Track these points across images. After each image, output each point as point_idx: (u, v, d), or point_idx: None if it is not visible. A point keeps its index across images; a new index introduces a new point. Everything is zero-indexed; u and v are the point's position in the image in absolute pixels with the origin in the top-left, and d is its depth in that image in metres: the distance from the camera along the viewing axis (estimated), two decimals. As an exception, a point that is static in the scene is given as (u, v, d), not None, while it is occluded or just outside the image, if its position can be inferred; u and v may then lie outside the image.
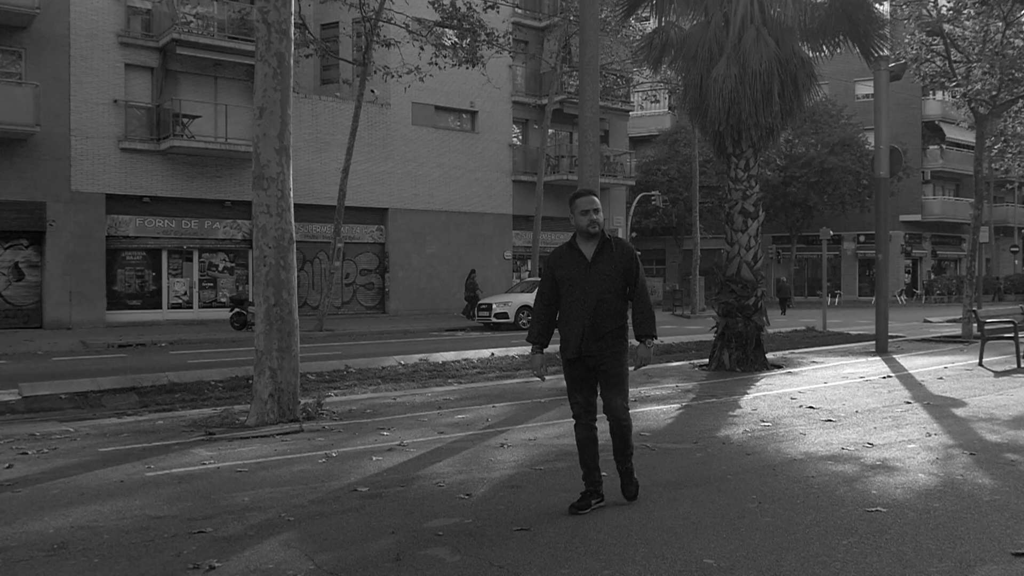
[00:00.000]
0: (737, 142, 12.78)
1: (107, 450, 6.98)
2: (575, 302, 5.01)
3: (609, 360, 5.01)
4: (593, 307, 4.97)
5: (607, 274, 5.01)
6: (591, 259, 5.03)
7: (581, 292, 4.99)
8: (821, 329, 21.36)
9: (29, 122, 22.04)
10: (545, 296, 5.13)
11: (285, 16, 8.60)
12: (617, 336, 5.03)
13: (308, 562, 4.16)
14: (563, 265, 5.10)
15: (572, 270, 5.05)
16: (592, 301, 4.97)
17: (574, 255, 5.08)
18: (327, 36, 29.30)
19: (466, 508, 5.12)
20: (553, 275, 5.11)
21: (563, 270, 5.08)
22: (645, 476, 5.88)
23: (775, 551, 4.28)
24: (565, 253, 5.13)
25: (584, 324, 4.98)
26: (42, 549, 4.40)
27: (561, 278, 5.08)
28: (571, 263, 5.07)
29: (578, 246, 5.09)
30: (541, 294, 5.16)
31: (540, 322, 5.18)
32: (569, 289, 5.05)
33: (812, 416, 8.33)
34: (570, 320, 5.03)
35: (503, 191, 33.18)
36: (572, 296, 5.03)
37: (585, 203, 5.04)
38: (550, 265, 5.15)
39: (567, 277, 5.05)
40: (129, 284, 25.27)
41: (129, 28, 24.75)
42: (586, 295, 4.98)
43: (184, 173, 25.54)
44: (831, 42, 13.37)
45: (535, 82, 34.38)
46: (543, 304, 5.14)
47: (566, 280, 5.05)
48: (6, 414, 9.40)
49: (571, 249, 5.11)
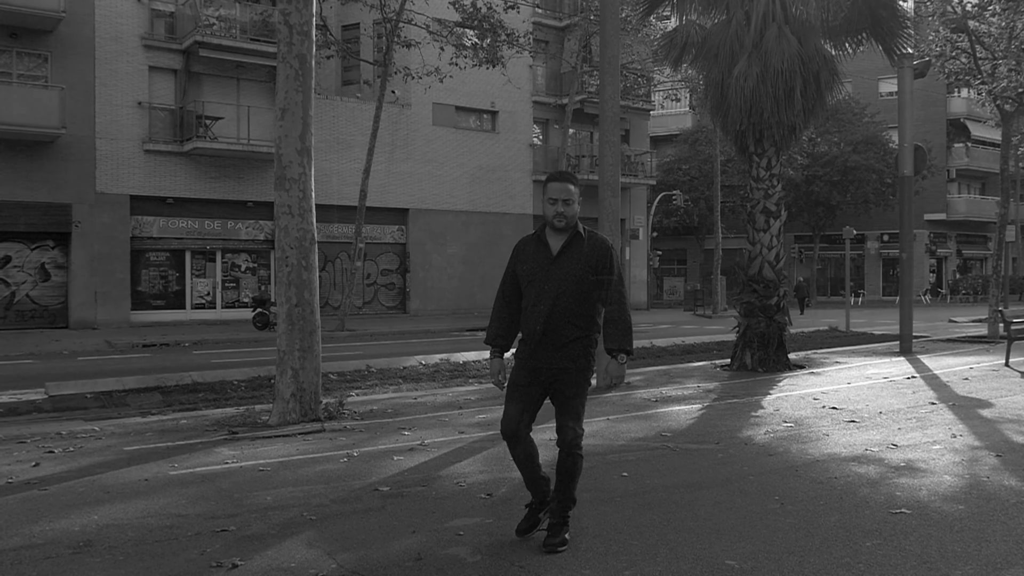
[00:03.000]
0: (759, 141, 12.71)
1: (132, 449, 7.04)
2: (532, 303, 4.38)
3: (567, 377, 4.32)
4: (548, 310, 4.30)
5: (571, 273, 4.32)
6: (556, 254, 4.36)
7: (539, 292, 4.35)
8: (844, 329, 21.19)
9: (55, 124, 22.31)
10: (505, 292, 4.53)
11: (307, 18, 8.64)
12: (580, 348, 4.33)
13: (330, 561, 4.18)
14: (525, 259, 4.45)
15: (533, 265, 4.39)
16: (548, 303, 4.30)
17: (539, 248, 4.42)
18: (348, 37, 29.42)
19: (487, 508, 5.12)
20: (514, 269, 4.49)
21: (524, 264, 4.43)
22: (666, 477, 5.86)
23: (798, 553, 4.25)
24: (529, 245, 4.47)
25: (536, 327, 4.33)
26: (68, 546, 4.45)
27: (522, 273, 4.44)
28: (534, 257, 4.41)
29: (545, 238, 4.43)
30: (501, 290, 4.55)
31: (498, 322, 4.54)
32: (528, 287, 4.42)
33: (835, 417, 8.27)
34: (527, 323, 4.41)
35: (523, 191, 33.18)
36: (530, 296, 4.40)
37: (555, 190, 4.35)
38: (512, 257, 4.54)
39: (527, 273, 4.41)
40: (153, 284, 25.51)
41: (153, 31, 24.98)
42: (543, 295, 4.33)
43: (207, 174, 25.75)
44: (854, 40, 13.26)
45: (555, 82, 34.35)
46: (502, 301, 4.54)
47: (526, 276, 4.42)
48: (33, 413, 9.51)
49: (537, 241, 4.46)
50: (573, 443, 4.29)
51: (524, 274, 4.42)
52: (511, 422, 4.33)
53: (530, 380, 4.36)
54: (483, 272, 31.45)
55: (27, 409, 9.64)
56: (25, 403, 9.79)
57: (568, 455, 4.30)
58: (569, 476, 4.33)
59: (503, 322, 4.52)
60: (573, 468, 4.32)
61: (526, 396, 4.36)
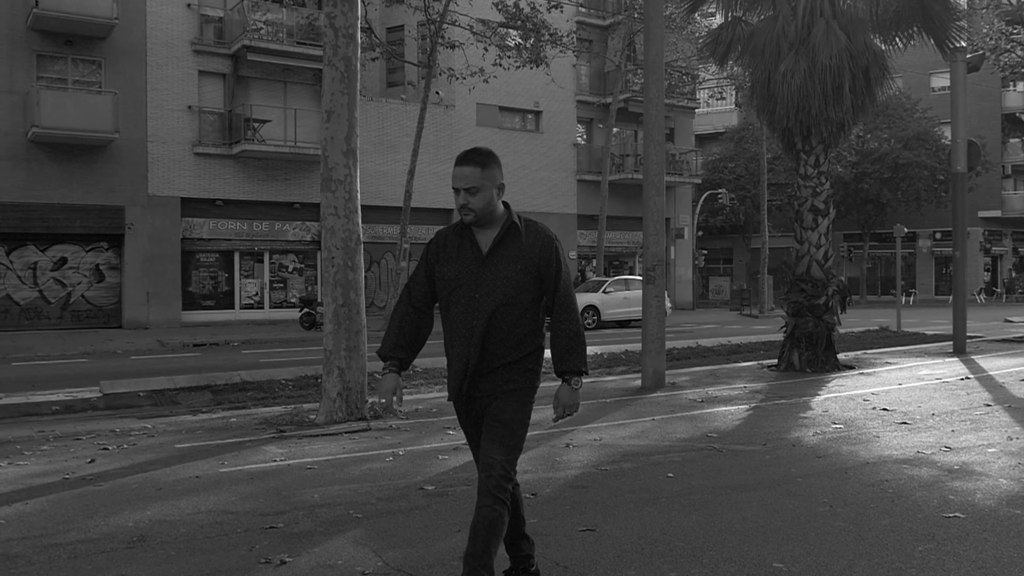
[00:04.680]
0: (807, 138, 12.53)
1: (183, 447, 7.18)
2: (460, 317, 3.40)
3: (500, 399, 3.38)
4: (483, 328, 3.35)
5: (509, 276, 3.38)
6: (487, 252, 3.41)
7: (468, 302, 3.38)
8: (895, 329, 20.79)
9: (108, 129, 22.83)
10: (413, 297, 3.53)
11: (352, 21, 8.73)
12: (519, 368, 3.41)
13: (376, 559, 4.22)
14: (446, 258, 3.47)
15: (457, 267, 3.43)
16: (483, 317, 3.36)
17: (464, 245, 3.45)
18: (392, 39, 29.65)
19: (531, 507, 5.12)
20: (429, 269, 3.52)
21: (445, 265, 3.46)
22: (712, 478, 5.81)
23: (847, 556, 4.18)
24: (451, 239, 3.49)
25: (471, 352, 3.37)
26: (122, 541, 4.55)
27: (441, 277, 3.46)
28: (458, 256, 3.45)
29: (472, 232, 3.47)
30: (407, 293, 3.56)
31: (399, 331, 3.51)
32: (452, 296, 3.43)
33: (886, 418, 8.12)
34: (454, 343, 3.44)
35: (567, 191, 33.12)
36: (457, 307, 3.42)
37: (456, 176, 3.40)
38: (428, 253, 3.54)
39: (450, 277, 3.44)
40: (203, 285, 25.98)
41: (202, 36, 25.44)
42: (475, 307, 3.37)
43: (255, 176, 26.13)
44: (904, 34, 12.99)
45: (599, 81, 34.23)
46: (409, 308, 3.52)
47: (448, 281, 3.44)
48: (88, 411, 9.76)
49: (460, 236, 3.47)
50: (498, 485, 3.21)
51: (446, 279, 3.44)
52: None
53: (473, 425, 3.52)
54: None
55: (83, 407, 9.88)
56: (81, 401, 10.03)
57: (488, 502, 3.20)
58: (486, 532, 3.17)
59: (406, 333, 3.50)
60: (492, 520, 3.18)
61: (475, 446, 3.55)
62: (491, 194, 3.41)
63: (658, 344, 10.87)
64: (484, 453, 3.31)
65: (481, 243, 3.44)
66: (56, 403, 9.85)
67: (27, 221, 22.80)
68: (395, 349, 3.49)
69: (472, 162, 3.39)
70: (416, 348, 3.54)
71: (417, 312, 3.53)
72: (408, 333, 3.51)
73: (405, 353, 3.50)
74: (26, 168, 22.70)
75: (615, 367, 13.61)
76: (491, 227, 3.46)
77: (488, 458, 3.28)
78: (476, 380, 3.41)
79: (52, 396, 10.23)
